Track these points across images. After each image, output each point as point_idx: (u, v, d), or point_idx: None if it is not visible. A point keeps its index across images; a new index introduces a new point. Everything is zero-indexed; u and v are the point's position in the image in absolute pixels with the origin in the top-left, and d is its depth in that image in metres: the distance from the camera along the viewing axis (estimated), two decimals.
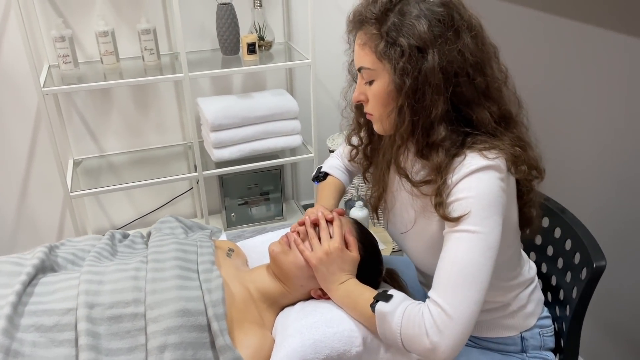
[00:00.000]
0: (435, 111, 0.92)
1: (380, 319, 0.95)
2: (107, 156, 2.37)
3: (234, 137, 2.19)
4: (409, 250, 1.14)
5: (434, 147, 0.95)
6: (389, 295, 0.96)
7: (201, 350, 0.96)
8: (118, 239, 1.27)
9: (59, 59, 2.02)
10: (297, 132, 2.29)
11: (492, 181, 0.92)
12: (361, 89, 1.02)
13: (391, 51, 0.92)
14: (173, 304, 0.97)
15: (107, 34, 2.02)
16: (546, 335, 1.17)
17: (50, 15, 2.09)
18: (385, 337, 0.96)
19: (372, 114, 1.03)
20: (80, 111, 2.27)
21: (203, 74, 2.06)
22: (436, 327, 0.88)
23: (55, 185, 2.34)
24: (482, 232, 0.91)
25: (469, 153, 0.94)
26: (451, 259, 0.91)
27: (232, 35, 2.16)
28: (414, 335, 0.90)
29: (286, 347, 0.97)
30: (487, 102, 0.96)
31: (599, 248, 1.13)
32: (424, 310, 0.91)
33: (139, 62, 2.18)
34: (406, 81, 0.91)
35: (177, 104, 2.39)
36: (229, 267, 1.15)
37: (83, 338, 0.92)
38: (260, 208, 2.52)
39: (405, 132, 0.96)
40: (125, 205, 2.51)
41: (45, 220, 2.41)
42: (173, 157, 2.38)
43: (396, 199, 1.13)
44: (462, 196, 0.92)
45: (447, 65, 0.91)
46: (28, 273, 1.03)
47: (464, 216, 0.91)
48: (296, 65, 2.18)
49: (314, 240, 1.08)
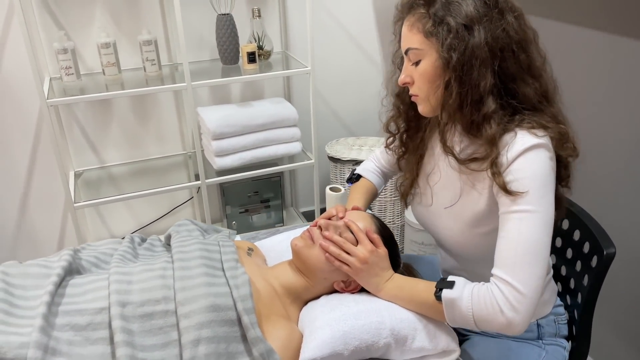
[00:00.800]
0: (483, 84, 0.97)
1: (449, 306, 0.99)
2: (107, 167, 2.37)
3: (235, 145, 2.22)
4: (445, 229, 1.17)
5: (486, 120, 1.00)
6: (450, 282, 1.00)
7: (233, 344, 0.98)
8: (137, 242, 1.29)
9: (62, 71, 2.03)
10: (297, 139, 2.33)
11: (545, 161, 0.98)
12: (407, 72, 1.07)
13: (439, 29, 0.98)
14: (203, 300, 0.99)
15: (109, 45, 2.04)
16: (560, 323, 1.21)
17: (50, 28, 2.11)
18: (455, 321, 1.00)
19: (418, 95, 1.08)
20: (81, 123, 2.28)
21: (206, 82, 2.09)
22: (510, 305, 0.94)
23: (55, 197, 2.34)
24: (540, 211, 0.96)
25: (519, 131, 0.99)
26: (515, 239, 0.96)
27: (232, 45, 2.19)
28: (487, 315, 0.95)
29: (316, 338, 1.00)
30: (530, 79, 1.01)
31: (608, 236, 1.17)
32: (493, 289, 0.96)
33: (139, 73, 2.20)
34: (453, 55, 0.97)
35: (176, 114, 2.41)
36: (251, 265, 1.17)
37: (118, 335, 0.94)
38: (260, 216, 2.55)
39: (453, 105, 1.00)
40: (125, 216, 2.51)
41: (45, 232, 2.41)
42: (173, 167, 2.40)
43: (441, 176, 1.17)
44: (520, 176, 0.97)
45: (493, 41, 0.97)
46: (58, 274, 1.05)
47: (522, 195, 0.96)
48: (296, 73, 2.22)
49: (346, 246, 1.11)
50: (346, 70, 2.63)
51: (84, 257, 1.18)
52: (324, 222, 1.15)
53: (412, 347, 1.03)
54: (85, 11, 2.13)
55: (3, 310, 0.96)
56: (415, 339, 1.03)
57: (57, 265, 1.09)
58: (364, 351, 1.01)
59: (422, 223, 1.26)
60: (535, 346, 1.19)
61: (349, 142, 2.59)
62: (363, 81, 2.69)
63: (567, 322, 1.24)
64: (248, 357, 0.97)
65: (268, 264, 1.30)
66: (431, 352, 1.03)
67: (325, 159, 2.56)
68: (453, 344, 1.05)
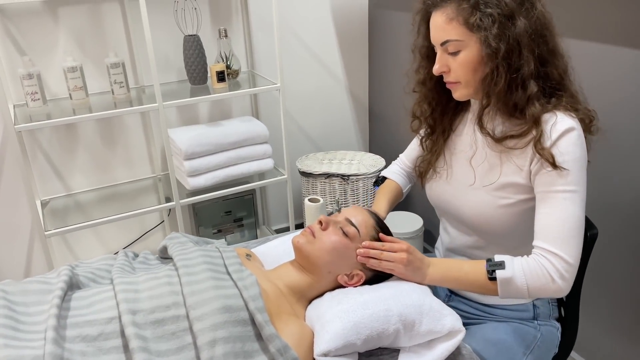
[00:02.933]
0: (528, 68, 1.06)
1: (504, 285, 1.09)
2: (74, 195, 2.32)
3: (207, 164, 2.22)
4: (468, 202, 1.22)
5: (530, 101, 1.08)
6: (499, 262, 1.10)
7: (248, 343, 0.98)
8: (131, 257, 1.28)
9: (27, 97, 1.99)
10: (269, 156, 2.35)
11: (583, 143, 1.08)
12: (443, 61, 1.13)
13: (483, 21, 1.05)
14: (215, 302, 0.99)
15: (75, 69, 2.02)
16: (553, 304, 1.28)
17: (12, 55, 2.07)
18: (509, 295, 1.10)
19: (458, 82, 1.14)
20: (45, 150, 2.23)
21: (177, 102, 2.08)
22: (560, 274, 1.06)
23: (19, 227, 2.27)
24: (580, 191, 1.07)
25: (557, 112, 1.08)
26: (562, 217, 1.07)
27: (199, 65, 2.21)
28: (541, 285, 1.07)
29: (328, 331, 1.02)
30: (556, 61, 1.10)
31: (588, 218, 1.25)
32: (543, 262, 1.07)
33: (107, 96, 2.18)
34: (501, 45, 1.04)
35: (144, 137, 2.40)
36: (253, 268, 1.18)
37: (133, 342, 0.93)
38: (234, 235, 2.54)
39: (501, 91, 1.08)
40: (94, 244, 2.45)
41: (10, 262, 2.32)
42: (142, 191, 2.37)
43: (476, 153, 1.23)
44: (564, 155, 1.06)
45: (532, 28, 1.05)
46: (62, 288, 1.02)
47: (565, 175, 1.06)
48: (267, 90, 2.26)
49: (384, 255, 1.16)
50: (311, 87, 2.69)
51: (80, 273, 1.16)
52: (325, 218, 1.18)
53: (420, 331, 1.05)
54: (48, 36, 2.11)
55: (10, 327, 0.94)
56: (422, 322, 1.06)
57: (58, 280, 1.07)
58: (375, 339, 1.03)
59: (441, 200, 1.31)
60: (532, 328, 1.24)
61: (318, 157, 2.63)
62: (327, 97, 2.75)
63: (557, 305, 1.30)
64: (264, 354, 0.98)
65: (265, 268, 1.30)
66: (438, 334, 1.06)
67: (296, 174, 2.59)
68: (458, 323, 1.08)
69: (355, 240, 1.17)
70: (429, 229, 2.56)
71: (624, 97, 1.55)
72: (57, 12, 2.10)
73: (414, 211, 2.56)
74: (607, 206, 1.66)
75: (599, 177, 1.66)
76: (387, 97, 2.74)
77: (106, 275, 1.19)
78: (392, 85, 2.66)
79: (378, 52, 2.72)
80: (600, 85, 1.60)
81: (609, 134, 1.59)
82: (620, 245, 1.65)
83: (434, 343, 1.08)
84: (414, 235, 2.37)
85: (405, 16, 2.46)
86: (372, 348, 1.06)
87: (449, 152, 1.30)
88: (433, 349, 1.07)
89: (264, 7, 2.44)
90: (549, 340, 1.24)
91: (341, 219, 1.19)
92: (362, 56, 2.79)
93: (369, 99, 2.88)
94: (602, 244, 1.69)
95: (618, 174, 1.61)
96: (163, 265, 1.25)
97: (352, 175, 2.42)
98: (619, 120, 1.58)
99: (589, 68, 1.62)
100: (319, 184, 2.45)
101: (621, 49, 1.53)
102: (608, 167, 1.63)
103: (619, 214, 1.63)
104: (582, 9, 1.61)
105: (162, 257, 1.33)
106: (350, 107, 2.85)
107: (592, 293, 1.78)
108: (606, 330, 1.77)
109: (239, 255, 1.23)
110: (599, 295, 1.76)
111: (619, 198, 1.62)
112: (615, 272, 1.69)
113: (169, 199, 2.23)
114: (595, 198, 1.67)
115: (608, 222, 1.67)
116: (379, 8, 2.62)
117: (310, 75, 2.67)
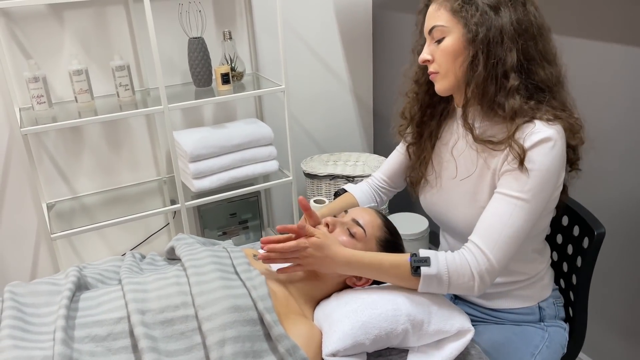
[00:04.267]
0: (510, 60, 1.04)
1: (426, 281, 1.06)
2: (80, 197, 2.32)
3: (212, 166, 2.22)
4: (455, 209, 1.21)
5: (510, 94, 1.06)
6: (424, 259, 1.07)
7: (257, 342, 0.98)
8: (138, 258, 1.28)
9: (33, 100, 1.99)
10: (274, 158, 2.35)
11: (555, 156, 1.04)
12: (429, 50, 1.13)
13: (466, 7, 1.05)
14: (224, 301, 1.00)
15: (81, 72, 2.03)
16: (559, 305, 1.27)
17: (17, 58, 2.07)
18: (429, 290, 1.08)
19: (437, 72, 1.13)
20: (51, 153, 2.24)
21: (183, 104, 2.09)
22: (480, 273, 1.05)
23: (25, 229, 2.27)
24: (533, 203, 1.05)
25: (537, 122, 1.05)
26: (504, 221, 1.05)
27: (204, 68, 2.22)
28: (462, 283, 1.06)
29: (337, 331, 1.01)
30: (546, 64, 1.08)
31: (596, 218, 1.25)
32: (468, 257, 1.06)
33: (112, 99, 2.18)
34: (480, 30, 1.04)
35: (149, 140, 2.40)
36: (261, 268, 1.18)
37: (142, 341, 0.93)
38: (239, 237, 2.54)
39: (478, 79, 1.06)
40: (99, 247, 2.46)
41: (16, 265, 2.32)
42: (147, 193, 2.37)
43: (459, 150, 1.21)
44: (529, 167, 1.04)
45: (517, 21, 1.04)
46: (70, 289, 1.03)
47: (524, 182, 1.04)
48: (272, 91, 2.26)
49: (279, 247, 1.11)
50: (315, 89, 2.70)
51: (88, 274, 1.16)
52: (331, 220, 1.18)
53: (428, 331, 1.05)
54: (53, 39, 2.11)
55: (20, 328, 0.94)
56: (431, 322, 1.05)
57: (66, 281, 1.07)
58: (384, 339, 1.03)
59: (433, 211, 1.30)
60: (538, 328, 1.24)
61: (323, 158, 2.63)
62: (332, 99, 2.75)
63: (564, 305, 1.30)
64: (273, 354, 0.98)
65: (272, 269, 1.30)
66: (447, 334, 1.06)
67: (301, 176, 2.59)
68: (467, 323, 1.08)
69: (362, 240, 1.17)
70: (434, 230, 2.56)
71: (636, 97, 1.54)
72: (63, 16, 2.11)
73: (418, 212, 2.56)
74: (616, 205, 1.65)
75: (608, 176, 1.65)
76: (391, 99, 2.74)
77: (114, 276, 1.19)
78: (396, 86, 2.66)
79: (382, 53, 2.72)
80: (604, 85, 1.60)
81: (618, 133, 1.58)
82: (630, 244, 1.64)
83: (442, 343, 1.08)
84: (419, 236, 2.37)
85: (409, 17, 2.46)
86: (380, 348, 1.06)
87: (437, 161, 1.28)
88: (442, 349, 1.07)
89: (268, 9, 2.45)
90: (556, 341, 1.24)
91: (347, 220, 1.19)
92: (367, 57, 2.79)
93: (373, 100, 2.88)
94: (611, 244, 1.69)
95: (627, 173, 1.60)
96: (170, 266, 1.25)
97: (357, 177, 2.42)
98: (627, 119, 1.57)
99: (590, 68, 1.62)
100: (324, 186, 2.45)
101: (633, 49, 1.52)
102: (617, 167, 1.62)
103: (628, 213, 1.63)
104: (582, 9, 1.60)
105: (169, 259, 1.33)
106: (354, 109, 2.85)
107: (602, 293, 1.77)
108: (615, 331, 1.76)
109: (247, 256, 1.23)
110: (608, 295, 1.75)
111: (628, 197, 1.62)
112: (625, 271, 1.68)
113: (174, 202, 2.23)
114: (604, 197, 1.67)
115: (618, 221, 1.66)
116: (382, 9, 2.63)
117: (315, 76, 2.67)
